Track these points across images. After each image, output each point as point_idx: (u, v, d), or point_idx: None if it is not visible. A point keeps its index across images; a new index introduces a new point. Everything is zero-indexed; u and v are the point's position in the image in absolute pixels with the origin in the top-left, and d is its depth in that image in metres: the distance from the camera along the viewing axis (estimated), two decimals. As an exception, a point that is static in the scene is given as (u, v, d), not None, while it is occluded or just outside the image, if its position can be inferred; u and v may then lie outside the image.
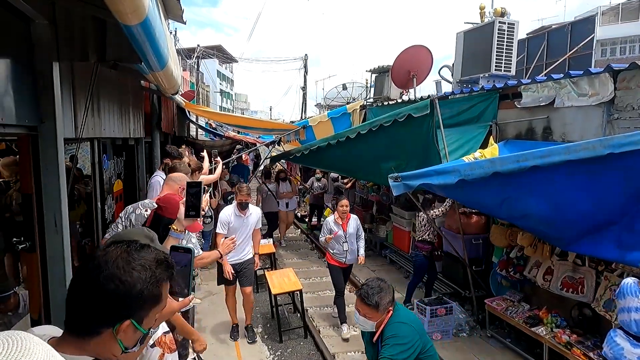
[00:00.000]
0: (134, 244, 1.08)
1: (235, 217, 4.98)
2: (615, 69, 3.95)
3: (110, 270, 0.99)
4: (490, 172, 3.28)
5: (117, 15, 1.18)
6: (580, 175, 3.12)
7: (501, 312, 4.94)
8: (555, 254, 4.52)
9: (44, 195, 1.96)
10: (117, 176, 5.22)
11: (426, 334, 2.63)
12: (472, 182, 3.42)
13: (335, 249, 5.34)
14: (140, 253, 1.06)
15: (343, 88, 13.29)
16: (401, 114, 4.98)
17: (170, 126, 8.13)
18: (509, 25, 6.18)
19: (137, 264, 1.03)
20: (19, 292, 3.43)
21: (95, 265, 1.00)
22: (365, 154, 5.97)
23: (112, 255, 1.02)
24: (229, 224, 4.94)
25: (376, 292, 2.46)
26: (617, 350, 2.68)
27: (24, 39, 1.85)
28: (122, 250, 1.04)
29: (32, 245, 2.04)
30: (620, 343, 2.68)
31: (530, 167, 3.09)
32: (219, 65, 45.18)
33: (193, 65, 23.07)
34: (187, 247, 1.53)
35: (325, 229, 5.37)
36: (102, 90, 3.55)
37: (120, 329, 1.00)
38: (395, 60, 8.14)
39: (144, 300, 1.02)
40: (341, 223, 5.33)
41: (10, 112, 1.68)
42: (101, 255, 1.02)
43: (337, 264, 5.39)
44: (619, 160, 2.83)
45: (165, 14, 2.20)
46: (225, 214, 5.00)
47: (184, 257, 1.49)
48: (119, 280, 0.98)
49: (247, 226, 5.04)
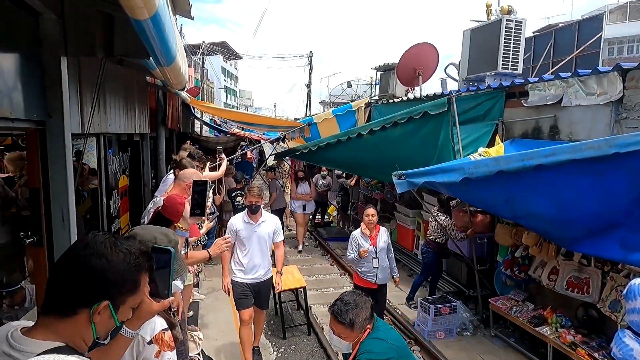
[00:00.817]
0: (118, 233, 1.13)
1: (244, 225, 4.19)
2: (624, 68, 3.92)
3: (97, 248, 1.05)
4: (495, 170, 3.27)
5: (128, 9, 1.17)
6: (585, 175, 3.10)
7: (505, 312, 4.93)
8: (561, 254, 4.50)
9: (51, 189, 1.96)
10: (123, 172, 5.24)
11: (410, 356, 2.37)
12: (476, 180, 3.41)
13: (364, 267, 4.61)
14: (127, 241, 1.13)
15: (348, 85, 13.25)
16: (417, 111, 5.05)
17: (176, 122, 8.14)
18: (516, 23, 6.13)
19: (123, 248, 1.09)
20: (25, 286, 3.45)
21: (83, 245, 1.06)
22: (376, 152, 5.95)
23: (100, 238, 1.08)
24: (236, 231, 4.19)
25: (351, 309, 2.14)
26: (627, 351, 2.61)
27: (32, 34, 1.85)
28: (110, 236, 1.12)
29: (39, 239, 2.05)
30: (630, 344, 2.62)
31: (535, 165, 3.07)
32: (224, 61, 45.19)
33: (198, 61, 23.08)
34: (166, 248, 1.50)
35: (353, 245, 4.65)
36: (108, 86, 3.55)
37: (97, 309, 1.02)
38: (401, 58, 8.11)
39: (124, 283, 1.07)
40: (369, 235, 4.64)
41: (19, 107, 1.68)
42: (89, 237, 1.08)
43: (366, 285, 4.61)
44: (625, 160, 2.80)
45: (174, 9, 2.19)
46: (233, 220, 4.30)
47: (163, 257, 1.45)
48: (104, 258, 1.04)
49: (260, 237, 4.23)
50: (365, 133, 5.76)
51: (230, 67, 51.43)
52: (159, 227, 1.82)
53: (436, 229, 5.85)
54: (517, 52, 6.15)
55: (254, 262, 4.22)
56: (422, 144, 5.21)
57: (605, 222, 3.40)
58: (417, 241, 7.62)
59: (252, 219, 4.19)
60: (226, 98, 45.41)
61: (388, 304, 6.02)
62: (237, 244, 4.24)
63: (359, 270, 4.69)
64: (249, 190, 4.27)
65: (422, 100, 6.96)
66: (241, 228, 4.18)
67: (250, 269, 4.22)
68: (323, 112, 13.59)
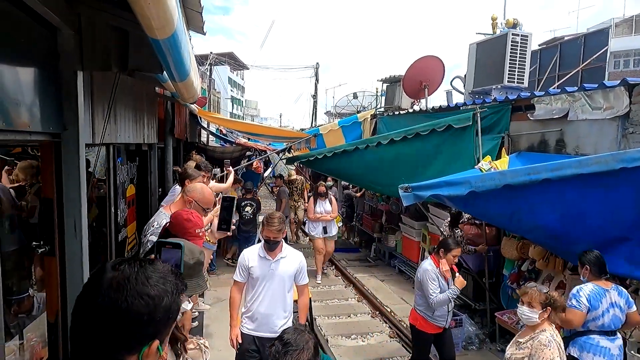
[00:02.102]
0: (140, 259, 1.00)
1: (259, 260, 3.31)
2: (630, 83, 3.93)
3: (135, 287, 0.90)
4: (502, 184, 3.28)
5: (147, 30, 1.21)
6: (592, 190, 3.11)
7: (512, 326, 4.88)
8: (568, 268, 4.47)
9: (64, 200, 2.00)
10: (130, 181, 5.29)
11: None
12: (482, 194, 3.41)
13: (439, 310, 3.88)
14: (154, 266, 0.99)
15: (354, 97, 13.32)
16: (440, 124, 5.20)
17: (183, 132, 8.23)
18: (522, 37, 6.18)
19: (157, 277, 0.96)
20: (33, 294, 3.48)
21: (114, 286, 0.90)
22: (392, 164, 6.02)
23: (130, 272, 0.93)
24: (248, 269, 3.31)
25: (292, 350, 1.79)
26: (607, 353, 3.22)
27: (50, 49, 1.91)
28: (137, 266, 0.96)
29: (51, 249, 2.08)
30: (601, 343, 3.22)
31: (541, 180, 3.08)
32: (231, 72, 45.65)
33: (205, 72, 23.36)
34: (176, 242, 1.41)
35: (430, 285, 3.79)
36: (119, 97, 3.61)
37: (149, 352, 0.92)
38: (407, 70, 8.17)
39: (171, 314, 0.96)
40: (443, 273, 3.90)
41: (36, 120, 1.72)
42: (117, 275, 0.92)
43: (434, 330, 3.95)
44: (632, 174, 2.82)
45: (187, 24, 2.25)
46: (245, 255, 3.40)
47: (174, 253, 1.37)
48: (147, 296, 0.91)
49: (278, 277, 3.33)
50: (386, 142, 5.85)
51: (237, 77, 51.93)
52: (189, 242, 1.83)
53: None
54: (522, 66, 6.19)
55: (268, 310, 3.33)
56: (443, 156, 5.34)
57: (611, 236, 3.40)
58: (422, 253, 7.59)
59: (270, 253, 3.30)
60: (232, 108, 45.78)
61: (393, 316, 6.00)
62: (249, 286, 3.37)
63: (429, 315, 3.90)
64: (267, 221, 3.29)
65: (428, 112, 7.00)
66: (255, 265, 3.29)
67: (262, 319, 3.34)
68: (329, 122, 13.68)
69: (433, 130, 5.31)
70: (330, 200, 7.54)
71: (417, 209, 8.17)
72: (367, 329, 5.71)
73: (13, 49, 1.61)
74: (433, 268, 3.88)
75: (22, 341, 2.56)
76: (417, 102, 8.62)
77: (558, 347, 2.60)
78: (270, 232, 3.22)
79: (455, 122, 5.13)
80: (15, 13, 1.61)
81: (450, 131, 5.23)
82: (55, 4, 1.74)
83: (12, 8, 1.58)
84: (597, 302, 3.19)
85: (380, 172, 6.47)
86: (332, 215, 7.48)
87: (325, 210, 7.42)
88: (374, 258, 9.11)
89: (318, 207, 7.41)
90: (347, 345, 5.26)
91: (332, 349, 5.10)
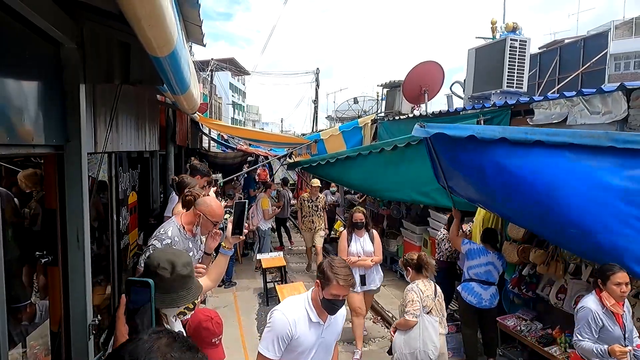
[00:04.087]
0: (179, 339, 0.94)
1: (309, 326, 2.39)
2: (628, 87, 3.96)
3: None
4: (499, 136, 3.28)
5: (148, 48, 1.25)
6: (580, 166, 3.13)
7: (513, 331, 4.88)
8: (569, 272, 4.47)
9: (67, 211, 2.03)
10: (132, 188, 5.33)
11: None
12: (479, 146, 3.35)
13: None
14: (184, 354, 0.91)
15: (354, 102, 13.39)
16: None
17: (184, 139, 8.27)
18: (520, 42, 6.22)
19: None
20: (35, 302, 3.51)
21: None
22: (393, 169, 6.04)
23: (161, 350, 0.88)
24: (292, 339, 2.35)
25: None
26: (477, 296, 4.55)
27: (54, 62, 1.94)
28: (167, 344, 0.90)
29: (54, 259, 2.11)
30: (478, 291, 4.56)
31: (534, 140, 3.11)
32: (232, 77, 45.84)
33: (206, 78, 23.47)
34: (144, 280, 1.37)
35: (591, 326, 3.09)
36: (121, 105, 3.65)
37: None
38: (407, 76, 8.21)
39: None
40: (614, 312, 3.07)
41: (39, 133, 1.76)
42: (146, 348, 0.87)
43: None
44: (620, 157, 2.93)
45: (187, 38, 2.29)
46: (288, 317, 2.36)
47: (144, 292, 1.33)
48: None
49: (327, 345, 2.55)
50: (389, 149, 5.89)
51: (238, 83, 52.14)
52: (173, 253, 1.81)
53: (446, 247, 5.83)
54: (521, 71, 6.22)
55: None
56: None
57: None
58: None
59: (323, 316, 2.42)
60: (234, 113, 45.93)
61: (395, 321, 5.99)
62: (287, 356, 2.39)
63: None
64: (335, 272, 2.26)
65: (428, 117, 7.03)
66: (304, 333, 2.36)
67: None
68: (330, 127, 13.72)
69: None
70: (371, 234, 5.12)
71: (418, 213, 8.19)
72: (368, 335, 5.71)
73: (17, 64, 1.65)
74: (598, 308, 3.08)
75: (25, 349, 2.58)
76: (417, 107, 8.66)
77: (418, 293, 3.60)
78: (343, 288, 2.24)
79: None
80: (19, 29, 1.65)
81: None
82: (58, 19, 1.77)
83: (16, 24, 1.62)
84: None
85: (382, 179, 6.49)
86: (375, 258, 4.95)
87: (365, 251, 4.97)
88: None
89: (354, 246, 4.98)
90: (348, 351, 5.26)
91: (334, 355, 5.10)
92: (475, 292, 4.55)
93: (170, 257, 1.64)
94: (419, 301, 3.57)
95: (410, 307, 3.55)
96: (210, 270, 2.69)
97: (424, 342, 3.55)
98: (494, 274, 4.59)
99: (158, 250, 1.88)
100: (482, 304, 4.54)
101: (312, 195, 8.35)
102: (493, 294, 4.56)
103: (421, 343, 3.54)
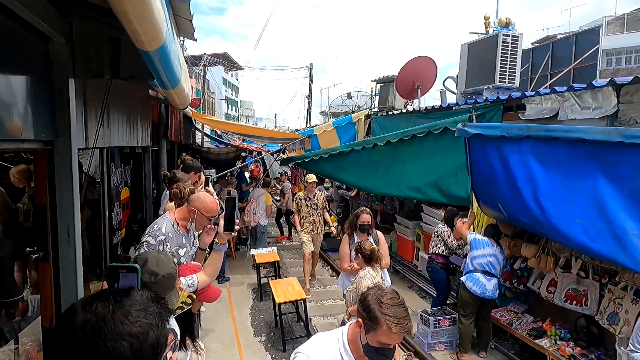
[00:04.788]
0: (114, 292, 0.90)
1: None
2: (618, 82, 3.99)
3: (115, 328, 0.81)
4: (524, 134, 3.66)
5: (137, 42, 1.24)
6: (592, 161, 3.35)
7: (505, 324, 4.94)
8: (559, 266, 4.53)
9: (58, 206, 2.02)
10: (124, 184, 5.30)
11: None
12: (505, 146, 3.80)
13: None
14: (131, 298, 0.89)
15: (348, 97, 13.38)
16: (437, 126, 5.26)
17: (177, 134, 8.23)
18: (512, 37, 6.24)
19: (138, 311, 0.86)
20: (27, 297, 3.49)
21: (89, 330, 0.80)
22: (388, 164, 6.07)
23: (105, 312, 0.83)
24: None
25: None
26: (482, 286, 4.60)
27: (43, 57, 1.93)
28: (112, 302, 0.85)
29: (45, 254, 2.10)
30: (483, 281, 4.61)
31: (553, 137, 3.48)
32: (225, 72, 45.57)
33: (199, 73, 23.31)
34: (131, 266, 1.34)
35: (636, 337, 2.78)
36: (112, 100, 3.62)
37: None
38: (400, 71, 8.22)
39: (159, 348, 0.87)
40: None
41: (29, 128, 1.74)
42: (89, 318, 0.82)
43: None
44: (630, 153, 3.06)
45: (178, 31, 2.27)
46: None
47: (131, 278, 1.30)
48: (129, 336, 0.81)
49: None
50: (382, 144, 5.90)
51: (232, 78, 51.85)
52: (157, 263, 1.81)
53: (434, 238, 5.86)
54: (513, 66, 6.25)
55: None
56: (440, 158, 5.40)
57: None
58: (416, 252, 7.65)
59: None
60: (227, 108, 45.69)
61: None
62: None
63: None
64: (380, 310, 1.70)
65: (421, 112, 7.05)
66: None
67: None
68: (324, 122, 13.72)
69: (429, 132, 5.35)
70: (375, 236, 4.68)
71: (411, 208, 8.24)
72: (342, 310, 5.75)
73: (5, 58, 1.63)
74: None
75: (17, 346, 2.57)
76: (411, 102, 8.68)
77: (371, 279, 3.69)
78: (395, 336, 1.70)
79: (452, 125, 5.12)
80: (6, 23, 1.63)
81: (447, 133, 5.25)
82: (47, 13, 1.76)
83: (3, 18, 1.60)
84: None
85: (376, 174, 6.51)
86: (383, 263, 4.15)
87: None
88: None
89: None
90: (323, 322, 5.29)
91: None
92: (480, 282, 4.61)
93: (155, 268, 1.64)
94: None
95: None
96: (206, 266, 2.70)
97: None
98: (496, 266, 4.67)
99: (150, 256, 1.87)
100: (486, 294, 4.59)
101: (309, 193, 7.35)
102: (495, 285, 4.64)
103: None
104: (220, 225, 2.56)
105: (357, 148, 6.40)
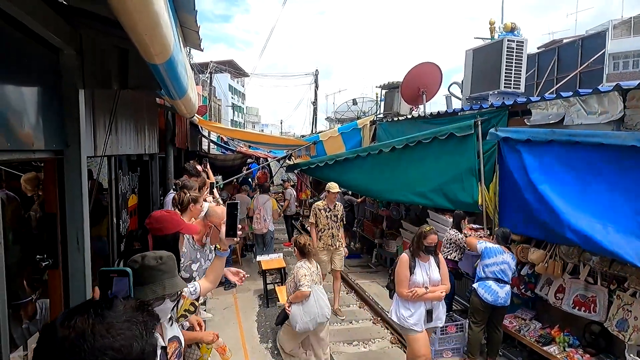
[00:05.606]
0: (95, 304, 0.86)
1: None
2: (624, 87, 3.98)
3: (94, 344, 0.77)
4: (549, 138, 4.07)
5: (145, 56, 1.27)
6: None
7: (513, 330, 4.90)
8: (567, 272, 4.50)
9: (67, 214, 2.06)
10: (132, 191, 5.35)
11: None
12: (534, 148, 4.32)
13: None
14: (114, 309, 0.85)
15: (353, 103, 13.42)
16: (442, 132, 5.29)
17: (184, 141, 8.30)
18: (517, 43, 6.25)
19: (120, 323, 0.82)
20: (35, 301, 3.52)
21: (69, 347, 0.76)
22: (392, 170, 6.09)
23: (84, 326, 0.79)
24: None
25: None
26: (494, 294, 4.56)
27: (53, 68, 1.97)
28: (92, 316, 0.81)
29: (54, 262, 2.13)
30: (495, 289, 4.57)
31: (575, 141, 4.01)
32: (231, 79, 45.89)
33: (206, 80, 23.50)
34: (122, 270, 1.31)
35: None
36: (120, 109, 3.67)
37: None
38: (405, 77, 8.23)
39: (146, 358, 0.83)
40: None
41: (39, 138, 1.78)
42: (68, 334, 0.78)
43: None
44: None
45: (184, 42, 2.32)
46: None
47: (123, 282, 1.28)
48: (112, 350, 0.77)
49: None
50: (387, 150, 5.93)
51: (238, 85, 52.19)
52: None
53: (446, 245, 5.83)
54: (519, 72, 6.25)
55: None
56: (445, 164, 5.44)
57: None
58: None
59: None
60: (233, 115, 45.97)
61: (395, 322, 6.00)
62: None
63: None
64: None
65: (426, 118, 7.06)
66: None
67: None
68: (329, 128, 13.76)
69: (435, 138, 5.40)
70: (437, 259, 4.21)
71: (417, 214, 8.21)
72: (368, 336, 5.72)
73: (17, 70, 1.68)
74: None
75: (26, 352, 2.60)
76: (416, 108, 8.69)
77: (308, 269, 4.25)
78: None
79: (457, 131, 5.20)
80: (19, 36, 1.67)
81: (452, 139, 5.30)
82: (57, 26, 1.80)
83: (16, 32, 1.65)
84: None
85: (381, 180, 6.51)
86: (443, 287, 4.09)
87: (432, 280, 4.05)
88: (375, 264, 9.14)
89: (419, 274, 4.01)
90: (348, 352, 5.28)
91: (333, 356, 5.12)
92: (493, 289, 4.57)
93: (156, 253, 1.64)
94: (309, 275, 4.25)
95: (303, 281, 4.19)
96: (208, 273, 2.72)
97: (320, 307, 4.20)
98: (508, 273, 4.63)
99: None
100: (498, 301, 4.55)
101: (330, 203, 6.42)
102: (507, 293, 4.59)
103: (318, 308, 4.19)
104: (222, 231, 2.57)
105: (363, 154, 6.43)
